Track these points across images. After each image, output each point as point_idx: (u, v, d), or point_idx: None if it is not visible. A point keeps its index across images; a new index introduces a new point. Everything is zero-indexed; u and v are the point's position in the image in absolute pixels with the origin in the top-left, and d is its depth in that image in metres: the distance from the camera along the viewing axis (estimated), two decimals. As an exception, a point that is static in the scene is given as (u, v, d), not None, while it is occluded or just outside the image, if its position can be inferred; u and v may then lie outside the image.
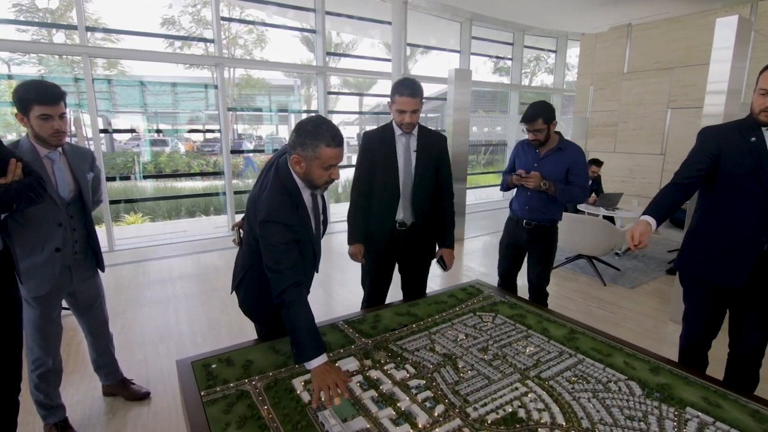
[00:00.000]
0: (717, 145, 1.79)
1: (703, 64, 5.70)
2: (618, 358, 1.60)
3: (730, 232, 1.79)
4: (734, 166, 1.74)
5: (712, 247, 1.85)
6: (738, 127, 1.79)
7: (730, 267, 1.80)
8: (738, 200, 1.76)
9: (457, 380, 1.44)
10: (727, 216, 1.80)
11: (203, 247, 5.39)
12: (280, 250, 1.41)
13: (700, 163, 1.80)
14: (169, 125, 8.90)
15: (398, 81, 2.05)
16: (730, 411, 1.31)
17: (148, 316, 3.36)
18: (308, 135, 1.40)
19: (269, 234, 1.42)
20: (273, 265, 1.42)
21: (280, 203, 1.44)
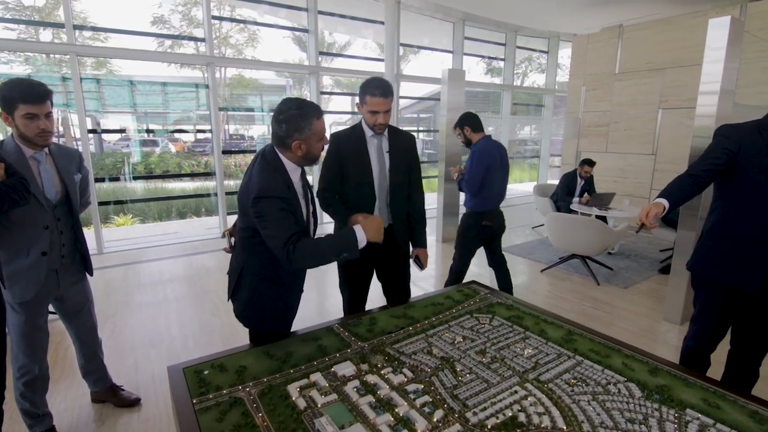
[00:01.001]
0: (736, 143, 1.77)
1: (694, 65, 5.76)
2: (616, 359, 1.59)
3: (749, 231, 1.78)
4: (752, 165, 1.74)
5: (728, 247, 1.84)
6: (756, 128, 1.78)
7: (746, 269, 1.79)
8: (757, 200, 1.75)
9: (455, 384, 1.42)
10: (745, 216, 1.79)
11: (194, 248, 5.32)
12: (276, 220, 1.44)
13: (718, 158, 1.78)
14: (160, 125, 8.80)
15: (368, 81, 1.98)
16: (729, 412, 1.30)
17: (138, 320, 3.30)
18: (298, 118, 1.48)
19: (264, 209, 1.44)
20: (272, 233, 1.44)
21: (271, 180, 1.48)
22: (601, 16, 7.45)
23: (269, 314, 1.71)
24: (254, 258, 1.65)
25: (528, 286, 4.16)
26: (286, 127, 1.48)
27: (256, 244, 1.59)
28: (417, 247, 2.25)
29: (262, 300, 1.68)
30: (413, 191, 2.20)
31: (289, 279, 1.71)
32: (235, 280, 1.72)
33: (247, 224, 1.61)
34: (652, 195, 6.46)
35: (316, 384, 1.40)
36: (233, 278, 1.74)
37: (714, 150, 1.83)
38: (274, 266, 1.62)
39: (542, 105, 10.49)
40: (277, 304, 1.71)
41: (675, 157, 6.15)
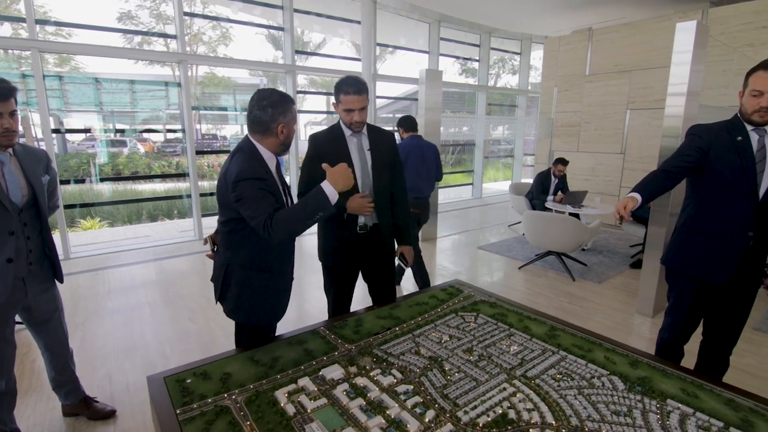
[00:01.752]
0: (707, 141, 1.85)
1: (659, 68, 6.00)
2: (598, 353, 1.63)
3: (720, 226, 1.86)
4: (722, 163, 1.81)
5: (700, 242, 1.91)
6: (726, 127, 1.86)
7: (717, 262, 1.87)
8: (726, 196, 1.83)
9: (445, 383, 1.42)
10: (716, 211, 1.87)
11: (168, 252, 5.15)
12: (256, 200, 1.46)
13: (690, 156, 1.85)
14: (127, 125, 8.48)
15: (341, 80, 1.97)
16: (707, 401, 1.35)
17: (110, 327, 3.16)
18: (281, 103, 1.59)
19: (244, 191, 1.47)
20: (252, 213, 1.45)
21: (249, 164, 1.53)
22: (572, 18, 7.66)
23: (261, 304, 1.70)
24: (239, 250, 1.65)
25: (507, 283, 4.23)
26: (272, 111, 1.56)
27: (239, 237, 1.62)
28: (402, 245, 2.23)
29: (252, 290, 1.67)
30: (396, 189, 2.18)
31: (277, 265, 1.71)
32: (221, 278, 1.69)
33: (228, 217, 1.62)
34: (622, 192, 6.69)
35: (305, 389, 1.37)
36: (219, 278, 1.71)
37: (686, 148, 1.90)
38: (260, 254, 1.65)
39: (515, 105, 10.71)
40: (269, 293, 1.71)
41: (643, 156, 6.39)
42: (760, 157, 1.79)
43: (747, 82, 1.80)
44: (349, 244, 2.10)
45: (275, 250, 1.67)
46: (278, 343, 1.68)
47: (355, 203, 1.92)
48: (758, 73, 1.75)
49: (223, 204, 1.62)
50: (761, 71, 1.72)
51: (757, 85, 1.74)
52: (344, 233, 2.09)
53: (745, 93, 1.80)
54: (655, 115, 6.14)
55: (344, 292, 2.21)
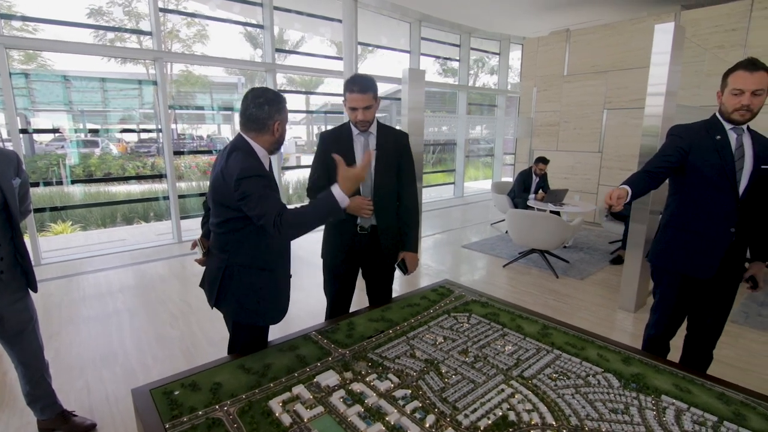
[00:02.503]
0: (687, 141, 1.89)
1: (634, 68, 6.16)
2: (591, 351, 1.65)
3: (703, 223, 1.90)
4: (703, 162, 1.86)
5: (685, 239, 1.95)
6: (705, 126, 1.91)
7: (702, 258, 1.91)
8: (708, 194, 1.87)
9: (442, 386, 1.40)
10: (698, 209, 1.91)
11: (145, 256, 4.98)
12: (263, 197, 1.44)
13: (671, 156, 1.89)
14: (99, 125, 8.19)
15: (349, 78, 1.98)
16: (699, 395, 1.38)
17: (86, 336, 3.03)
18: (277, 101, 1.59)
19: (248, 188, 1.45)
20: (260, 212, 1.43)
21: (250, 162, 1.51)
22: (549, 20, 7.78)
23: (266, 303, 1.66)
24: (239, 251, 1.61)
25: (493, 281, 4.26)
26: (269, 108, 1.56)
27: (238, 237, 1.59)
28: (404, 251, 2.20)
29: (256, 290, 1.63)
30: (404, 191, 2.16)
31: (277, 264, 1.69)
32: (218, 283, 1.63)
33: (226, 217, 1.58)
34: (600, 190, 6.85)
35: (300, 397, 1.33)
36: (215, 281, 1.64)
37: (667, 149, 1.94)
38: (260, 254, 1.63)
39: (495, 105, 10.83)
40: (272, 292, 1.68)
41: (620, 155, 6.55)
42: (738, 155, 1.84)
43: (726, 82, 1.85)
44: (348, 244, 2.09)
45: (274, 248, 1.65)
46: (269, 350, 1.63)
47: (354, 204, 1.90)
48: (738, 72, 1.80)
49: (221, 204, 1.57)
50: (741, 71, 1.77)
51: (737, 84, 1.79)
52: (344, 232, 2.09)
53: (725, 92, 1.85)
54: (631, 115, 6.30)
55: (344, 291, 2.20)
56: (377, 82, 2.02)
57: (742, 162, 1.83)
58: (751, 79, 1.75)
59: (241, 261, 1.61)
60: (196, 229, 6.04)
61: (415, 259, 2.25)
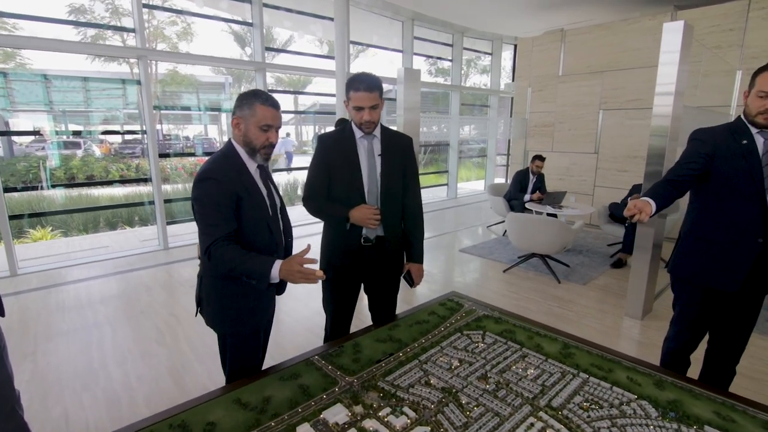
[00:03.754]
0: (711, 146, 1.78)
1: (630, 69, 6.10)
2: (620, 373, 1.52)
3: (727, 233, 1.79)
4: (728, 168, 1.74)
5: (708, 250, 1.84)
6: (729, 130, 1.80)
7: (727, 269, 1.79)
8: (734, 202, 1.76)
9: (465, 422, 1.25)
10: (723, 218, 1.79)
11: (129, 264, 4.75)
12: (211, 210, 1.39)
13: (694, 163, 1.77)
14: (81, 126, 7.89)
15: (352, 76, 1.82)
16: (744, 425, 1.25)
17: (65, 355, 2.81)
18: (245, 97, 1.50)
19: (201, 192, 1.40)
20: (203, 228, 1.39)
21: (214, 163, 1.46)
22: (542, 19, 7.71)
23: (238, 310, 1.57)
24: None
25: (495, 288, 4.13)
26: (237, 101, 1.51)
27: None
28: (410, 262, 2.05)
29: (224, 296, 1.55)
30: (409, 198, 2.01)
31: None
32: (198, 288, 1.61)
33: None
34: (596, 192, 6.79)
35: (306, 438, 1.17)
36: (197, 287, 1.62)
37: (690, 155, 1.82)
38: None
39: (487, 105, 10.76)
40: (246, 298, 1.57)
41: (616, 156, 6.50)
42: (766, 160, 1.73)
43: (753, 83, 1.74)
44: (351, 256, 1.94)
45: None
46: (268, 379, 1.46)
47: (360, 214, 1.76)
48: (765, 73, 1.69)
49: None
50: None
51: (765, 86, 1.67)
52: (347, 244, 1.93)
53: (751, 94, 1.74)
54: (628, 116, 6.25)
55: (344, 306, 2.04)
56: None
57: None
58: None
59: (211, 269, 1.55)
60: (183, 235, 5.84)
61: (421, 270, 2.11)
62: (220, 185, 1.41)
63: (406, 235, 2.06)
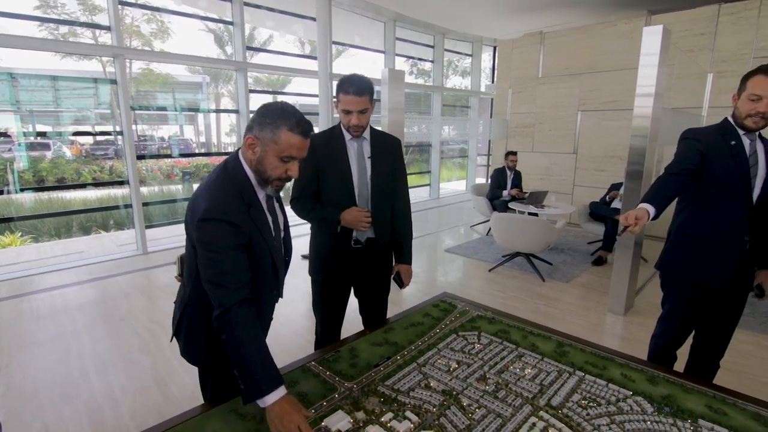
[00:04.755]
0: (705, 145, 1.83)
1: (607, 71, 6.26)
2: (614, 370, 1.55)
3: (717, 231, 1.84)
4: (719, 167, 1.80)
5: (698, 246, 1.89)
6: (718, 131, 1.85)
7: (715, 266, 1.85)
8: (723, 200, 1.81)
9: (468, 424, 1.25)
10: (713, 216, 1.85)
11: (107, 270, 4.59)
12: (223, 257, 1.15)
13: (693, 158, 1.81)
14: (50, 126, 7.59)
15: (342, 78, 1.79)
16: (735, 417, 1.29)
17: (41, 366, 2.69)
18: (269, 114, 1.21)
19: (209, 235, 1.15)
20: (214, 277, 1.15)
21: (225, 198, 1.19)
22: (522, 22, 7.85)
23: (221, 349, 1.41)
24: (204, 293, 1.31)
25: (481, 287, 4.17)
26: (255, 117, 1.22)
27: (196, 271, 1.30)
28: (400, 263, 2.04)
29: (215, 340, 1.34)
30: (397, 200, 2.00)
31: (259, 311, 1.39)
32: (179, 315, 1.40)
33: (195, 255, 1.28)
34: (576, 191, 6.94)
35: (309, 447, 1.14)
36: (177, 314, 1.42)
37: (687, 151, 1.86)
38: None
39: (468, 106, 10.87)
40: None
41: (594, 156, 6.66)
42: (753, 161, 1.80)
43: (744, 86, 1.78)
44: (341, 258, 1.91)
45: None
46: (264, 387, 1.43)
47: (351, 216, 1.73)
48: (758, 77, 1.73)
49: (189, 233, 1.30)
50: (761, 75, 1.71)
51: (756, 90, 1.71)
52: (337, 246, 1.90)
53: (742, 96, 1.79)
54: (605, 117, 6.41)
55: (336, 311, 2.01)
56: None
57: (756, 169, 1.79)
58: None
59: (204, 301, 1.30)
60: (162, 239, 5.68)
61: (410, 271, 2.11)
62: (233, 229, 1.17)
63: (395, 237, 2.05)
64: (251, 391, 1.11)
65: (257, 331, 1.16)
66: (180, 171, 9.34)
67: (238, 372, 1.13)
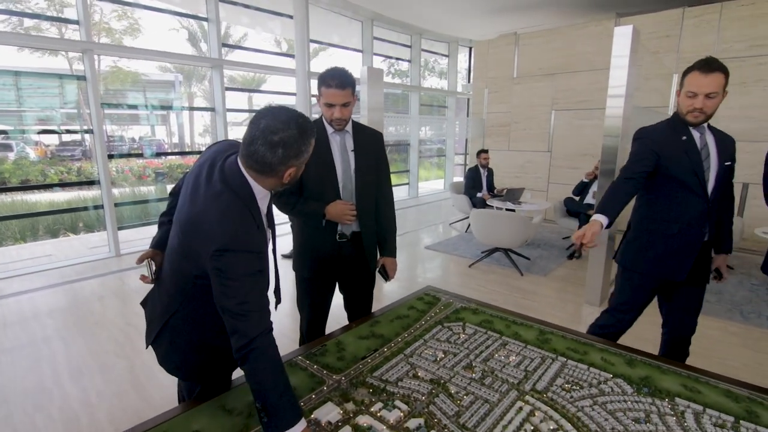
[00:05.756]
0: (657, 144, 1.87)
1: (579, 71, 6.45)
2: (594, 355, 1.60)
3: (676, 225, 1.88)
4: (673, 163, 1.84)
5: (657, 241, 1.93)
6: (670, 126, 1.89)
7: (675, 260, 1.90)
8: (681, 195, 1.86)
9: (457, 410, 1.27)
10: (672, 210, 1.89)
11: (78, 273, 4.42)
12: (246, 287, 1.08)
13: (646, 160, 1.85)
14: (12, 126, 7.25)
15: (324, 72, 1.79)
16: (708, 394, 1.36)
17: (11, 373, 2.57)
18: (300, 140, 1.12)
19: (231, 267, 1.08)
20: (235, 307, 1.07)
21: (241, 226, 1.11)
22: (497, 22, 8.00)
23: (211, 362, 1.37)
24: (191, 305, 1.29)
25: (462, 283, 4.22)
26: (283, 152, 1.10)
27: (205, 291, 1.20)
28: (384, 256, 2.05)
29: (202, 347, 1.34)
30: (381, 194, 2.01)
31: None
32: (160, 325, 1.33)
33: (192, 272, 1.22)
34: (550, 188, 7.12)
35: (300, 439, 1.14)
36: (157, 324, 1.35)
37: (641, 153, 1.89)
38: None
39: (445, 106, 10.99)
40: (225, 354, 1.32)
41: (567, 154, 6.84)
42: (704, 154, 1.85)
43: (682, 83, 1.83)
44: (327, 253, 1.91)
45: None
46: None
47: (336, 210, 1.73)
48: (693, 73, 1.77)
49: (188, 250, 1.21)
50: (696, 72, 1.74)
51: (692, 87, 1.76)
52: (322, 241, 1.90)
53: (681, 93, 1.83)
54: (577, 116, 6.60)
55: (320, 305, 2.00)
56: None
57: (709, 161, 1.84)
58: (705, 81, 1.73)
59: (192, 313, 1.29)
60: (135, 240, 5.51)
61: (394, 264, 2.12)
62: (254, 255, 1.12)
63: (380, 230, 2.06)
64: (276, 424, 1.06)
65: (280, 362, 1.13)
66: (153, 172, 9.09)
67: (260, 404, 1.08)
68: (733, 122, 5.12)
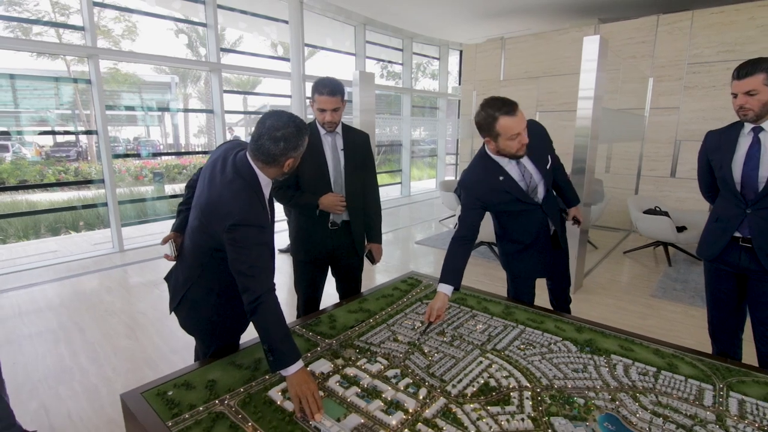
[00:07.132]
0: (481, 194, 1.97)
1: (562, 75, 6.74)
2: (550, 324, 1.87)
3: (527, 237, 2.10)
4: (502, 205, 2.02)
5: (519, 249, 2.15)
6: (486, 172, 1.98)
7: (536, 263, 2.17)
8: (520, 218, 2.08)
9: (428, 364, 1.53)
10: (517, 229, 2.12)
11: (83, 268, 4.64)
12: (254, 253, 1.35)
13: (473, 219, 1.99)
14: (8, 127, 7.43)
15: (317, 81, 2.07)
16: (639, 352, 1.63)
17: (32, 355, 2.80)
18: (297, 135, 1.39)
19: (243, 238, 1.35)
20: (246, 269, 1.34)
21: (251, 205, 1.38)
22: (484, 27, 8.29)
23: (224, 323, 1.64)
24: (208, 276, 1.57)
25: (447, 274, 4.49)
26: (284, 145, 1.37)
27: (220, 263, 1.49)
28: (371, 242, 2.33)
29: (216, 310, 1.60)
30: (368, 188, 2.28)
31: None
32: (182, 293, 1.61)
33: (210, 245, 1.50)
34: (536, 186, 7.39)
35: (298, 384, 1.39)
36: (179, 292, 1.62)
37: (467, 210, 1.98)
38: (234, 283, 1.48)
39: (436, 108, 11.27)
40: (235, 317, 1.65)
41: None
42: (528, 180, 1.97)
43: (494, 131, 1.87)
44: (320, 239, 2.19)
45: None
46: (256, 346, 1.66)
47: (328, 201, 2.00)
48: (503, 119, 1.83)
49: (206, 227, 1.46)
50: (505, 117, 1.83)
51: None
52: (316, 228, 2.18)
53: (500, 139, 1.86)
54: (561, 117, 6.90)
55: (315, 286, 2.27)
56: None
57: (534, 183, 1.98)
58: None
59: (209, 283, 1.57)
60: (137, 237, 5.73)
61: (380, 249, 2.42)
62: (262, 230, 1.38)
63: (366, 220, 2.34)
64: (278, 362, 1.32)
65: (282, 314, 1.39)
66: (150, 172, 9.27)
67: (266, 346, 1.34)
68: (704, 123, 5.44)
